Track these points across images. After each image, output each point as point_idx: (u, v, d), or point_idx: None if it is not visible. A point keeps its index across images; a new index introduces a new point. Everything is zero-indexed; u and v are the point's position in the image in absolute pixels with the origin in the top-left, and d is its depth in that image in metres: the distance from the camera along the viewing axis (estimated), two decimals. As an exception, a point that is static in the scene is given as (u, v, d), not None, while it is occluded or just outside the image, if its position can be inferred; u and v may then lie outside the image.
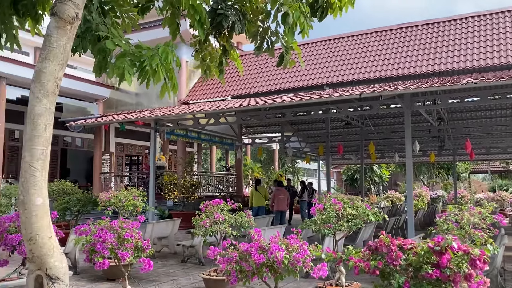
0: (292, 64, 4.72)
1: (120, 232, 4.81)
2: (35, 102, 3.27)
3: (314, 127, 18.31)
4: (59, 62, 3.36)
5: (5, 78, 14.25)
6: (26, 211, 3.26)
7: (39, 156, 3.28)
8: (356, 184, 30.15)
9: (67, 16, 3.33)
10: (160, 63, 3.91)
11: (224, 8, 5.12)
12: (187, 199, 14.58)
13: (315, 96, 7.76)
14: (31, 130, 3.27)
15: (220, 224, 5.86)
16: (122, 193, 7.94)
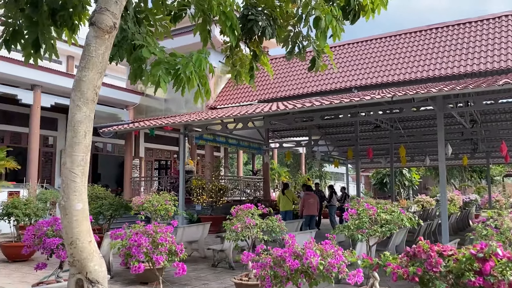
0: (324, 68, 4.70)
1: (155, 236, 4.88)
2: (76, 110, 3.36)
3: (342, 130, 18.14)
4: (98, 71, 3.45)
5: (40, 86, 14.73)
6: (67, 216, 3.35)
7: (79, 162, 3.37)
8: (385, 188, 29.64)
9: (105, 25, 3.42)
10: (194, 71, 3.96)
11: (254, 13, 5.15)
12: (215, 203, 14.67)
13: (346, 100, 7.68)
14: (71, 137, 3.36)
15: (251, 229, 5.87)
16: (154, 197, 8.06)
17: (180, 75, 3.98)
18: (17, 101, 14.82)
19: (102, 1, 3.46)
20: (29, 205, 8.93)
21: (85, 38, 3.48)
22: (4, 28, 4.51)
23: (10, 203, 8.99)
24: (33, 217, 8.95)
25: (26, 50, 4.65)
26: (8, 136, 17.49)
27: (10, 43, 4.54)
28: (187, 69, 3.93)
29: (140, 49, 4.16)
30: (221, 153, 24.49)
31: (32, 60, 4.71)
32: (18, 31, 4.56)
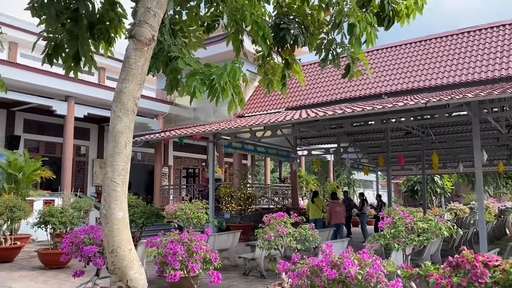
0: (359, 75, 4.66)
1: (190, 245, 4.92)
2: (117, 121, 3.44)
3: (372, 137, 17.90)
4: (138, 82, 3.53)
5: (74, 97, 15.18)
6: (108, 225, 3.42)
7: (120, 172, 3.44)
8: (416, 195, 28.98)
9: (144, 38, 3.50)
10: (229, 81, 4.00)
11: (286, 22, 5.18)
12: (244, 211, 14.69)
13: (378, 106, 7.59)
14: (113, 147, 3.44)
15: (284, 238, 5.84)
16: (187, 205, 8.15)
17: (215, 85, 4.02)
18: (52, 112, 15.32)
19: (141, 15, 3.56)
20: (65, 213, 9.17)
21: (125, 50, 3.57)
22: (47, 43, 4.68)
23: (47, 211, 9.25)
24: (69, 225, 9.18)
25: (66, 63, 4.82)
26: (43, 146, 18.07)
27: (52, 57, 4.71)
28: (221, 79, 3.98)
29: (176, 61, 4.24)
30: (248, 161, 24.56)
31: (72, 72, 4.87)
32: (59, 45, 4.73)
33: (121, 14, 4.93)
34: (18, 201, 10.07)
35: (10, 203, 9.78)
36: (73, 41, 4.54)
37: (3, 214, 9.58)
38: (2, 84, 5.47)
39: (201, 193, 16.91)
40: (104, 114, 16.66)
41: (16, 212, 9.86)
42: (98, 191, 19.38)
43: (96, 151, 19.74)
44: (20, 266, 9.34)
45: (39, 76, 13.96)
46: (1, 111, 16.46)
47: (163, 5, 3.67)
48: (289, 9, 5.40)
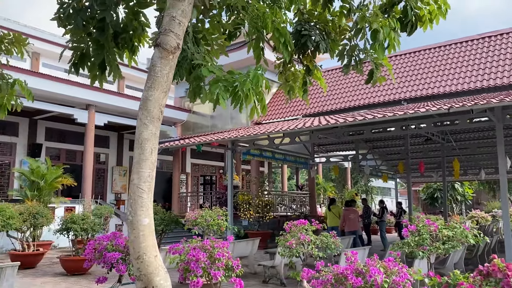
0: (382, 81, 4.63)
1: (212, 251, 4.93)
2: (143, 128, 3.48)
3: (390, 144, 17.68)
4: (163, 90, 3.57)
5: (94, 106, 15.43)
6: (134, 231, 3.45)
7: (146, 178, 3.47)
8: (436, 203, 28.48)
9: (169, 46, 3.55)
10: (251, 87, 4.01)
11: (308, 29, 5.19)
12: (262, 218, 14.65)
13: (400, 112, 7.51)
14: (139, 154, 3.47)
15: (306, 245, 5.80)
16: (207, 212, 8.16)
17: (238, 92, 4.04)
18: (72, 120, 15.59)
19: (166, 23, 3.60)
20: (86, 220, 9.29)
21: (151, 59, 3.62)
22: (73, 52, 4.78)
23: (69, 218, 9.38)
24: (90, 232, 9.29)
25: (92, 72, 4.90)
26: (64, 153, 18.38)
27: (78, 66, 4.81)
28: (244, 86, 3.99)
29: (199, 68, 4.28)
30: (265, 168, 24.54)
31: (97, 81, 4.95)
32: (85, 54, 4.82)
33: (144, 23, 5.01)
34: (40, 208, 10.25)
35: (33, 210, 9.95)
36: (99, 50, 4.63)
37: (26, 220, 9.75)
38: (29, 93, 5.59)
39: (219, 200, 16.94)
40: (124, 122, 16.89)
41: (39, 219, 10.02)
42: (117, 198, 19.61)
43: (116, 159, 19.99)
44: (43, 272, 9.48)
45: (61, 85, 14.25)
46: (24, 120, 16.83)
47: (188, 13, 3.71)
48: (310, 16, 5.42)
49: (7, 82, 5.47)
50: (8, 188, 16.22)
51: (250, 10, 4.91)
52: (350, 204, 13.66)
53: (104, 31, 4.62)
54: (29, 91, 5.64)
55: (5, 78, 5.41)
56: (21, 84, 5.58)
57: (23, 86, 5.60)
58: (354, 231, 12.92)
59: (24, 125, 16.93)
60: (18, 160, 16.56)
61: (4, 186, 16.32)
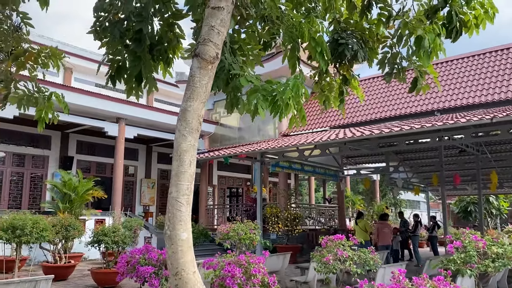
0: (427, 89, 4.43)
1: (247, 267, 4.77)
2: (181, 140, 3.39)
3: (422, 155, 17.20)
4: (202, 101, 3.49)
5: (124, 119, 15.63)
6: (172, 246, 3.34)
7: (184, 191, 3.37)
8: (470, 217, 27.44)
9: (208, 56, 3.47)
10: (292, 96, 3.89)
11: (345, 37, 5.05)
12: (291, 232, 14.39)
13: (439, 123, 7.23)
14: (177, 166, 3.38)
15: (344, 262, 5.57)
16: (239, 226, 8.03)
17: (277, 101, 3.93)
18: (103, 133, 15.84)
19: (205, 33, 3.54)
20: (117, 232, 9.28)
21: (189, 69, 3.55)
22: (110, 65, 4.78)
23: (100, 230, 9.41)
24: (121, 244, 9.27)
25: (128, 85, 4.89)
26: (94, 166, 18.66)
27: (115, 78, 4.80)
28: (284, 95, 3.88)
29: (237, 79, 4.20)
30: (292, 180, 24.27)
31: (133, 93, 4.93)
32: (122, 66, 4.82)
33: (179, 35, 4.98)
34: (72, 220, 10.33)
35: (66, 222, 10.05)
36: (136, 61, 4.61)
37: (59, 233, 9.84)
38: (65, 106, 5.63)
39: (247, 213, 16.77)
40: (153, 134, 17.05)
41: (71, 231, 10.10)
42: (146, 210, 19.72)
43: (144, 171, 20.17)
44: (74, 284, 9.51)
45: (92, 99, 14.51)
46: (56, 133, 17.20)
47: (227, 23, 3.64)
48: (346, 24, 5.29)
49: (44, 96, 5.53)
50: (41, 200, 16.54)
51: (285, 19, 4.83)
52: (384, 217, 13.29)
53: (141, 42, 4.60)
54: (65, 103, 5.68)
55: (42, 91, 5.46)
56: (58, 96, 5.63)
57: (60, 98, 5.65)
58: (388, 246, 12.53)
59: (56, 138, 17.30)
60: (50, 172, 16.90)
61: (37, 198, 16.66)
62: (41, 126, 5.89)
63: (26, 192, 16.40)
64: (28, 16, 5.28)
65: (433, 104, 13.35)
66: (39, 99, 5.43)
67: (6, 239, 7.89)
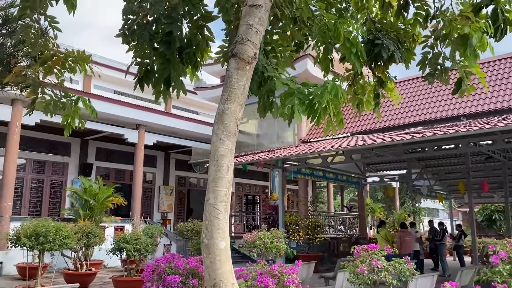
0: (472, 90, 4.20)
1: (280, 278, 4.58)
2: (219, 144, 3.23)
3: (445, 162, 16.78)
4: (240, 103, 3.33)
5: (144, 126, 15.61)
6: (210, 256, 3.17)
7: (222, 198, 3.21)
8: (494, 225, 26.68)
9: (247, 56, 3.31)
10: (330, 100, 3.71)
11: (381, 38, 4.86)
12: (312, 240, 14.11)
13: (474, 128, 6.95)
14: (215, 172, 3.22)
15: (379, 272, 5.33)
16: (265, 235, 7.83)
17: (314, 105, 3.75)
18: (122, 140, 15.86)
19: (243, 32, 3.38)
20: (139, 240, 9.16)
21: (226, 70, 3.40)
22: (139, 68, 4.67)
23: (122, 238, 9.30)
24: (143, 252, 9.15)
25: (156, 88, 4.77)
26: (113, 173, 18.68)
27: (143, 82, 4.69)
28: (322, 98, 3.69)
29: (271, 81, 4.04)
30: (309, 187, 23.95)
31: (162, 97, 4.81)
32: (150, 70, 4.71)
33: (208, 37, 4.85)
34: (94, 228, 10.26)
35: (87, 229, 9.97)
36: (166, 64, 4.49)
37: (80, 240, 9.77)
38: (93, 110, 5.53)
39: (266, 221, 16.51)
40: (172, 141, 17.02)
41: (92, 238, 10.02)
42: (164, 217, 19.64)
43: (162, 178, 20.12)
44: (96, 292, 9.42)
45: (112, 106, 14.53)
46: (76, 140, 17.28)
47: (265, 21, 3.49)
48: (382, 25, 5.10)
49: (71, 101, 5.44)
50: (61, 206, 16.58)
51: (317, 20, 4.67)
52: (405, 226, 13.00)
53: (171, 45, 4.48)
54: (92, 108, 5.58)
55: (69, 96, 5.37)
56: (85, 101, 5.53)
57: (87, 103, 5.55)
58: (409, 254, 12.23)
59: (76, 145, 17.38)
60: (70, 179, 16.96)
61: (56, 205, 16.70)
62: (68, 132, 5.80)
63: (46, 199, 16.46)
64: (55, 20, 5.21)
65: (459, 109, 12.99)
66: (67, 104, 5.34)
67: (30, 246, 7.82)
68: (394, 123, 14.50)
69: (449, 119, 12.83)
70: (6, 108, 12.44)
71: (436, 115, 13.37)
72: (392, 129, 14.40)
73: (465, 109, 12.85)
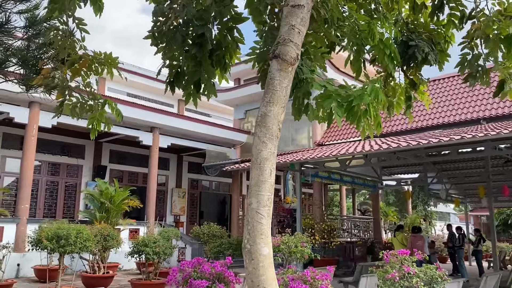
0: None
1: (313, 284, 4.49)
2: (261, 147, 3.16)
3: (461, 166, 16.54)
4: (282, 105, 3.26)
5: (158, 128, 15.60)
6: (253, 262, 3.09)
7: (265, 203, 3.13)
8: (510, 230, 26.31)
9: (289, 57, 3.25)
10: (370, 103, 3.62)
11: (414, 39, 4.78)
12: (328, 244, 13.97)
13: (505, 131, 6.81)
14: (257, 176, 3.15)
15: (411, 278, 5.21)
16: (289, 239, 7.73)
17: (353, 107, 3.67)
18: (134, 142, 15.87)
19: (285, 33, 3.31)
20: (158, 243, 9.11)
21: (268, 72, 3.33)
22: (170, 70, 4.62)
23: (140, 241, 9.26)
24: (162, 255, 9.10)
25: (186, 91, 4.72)
26: (126, 175, 18.69)
27: (174, 84, 4.64)
28: (362, 101, 3.61)
29: (308, 83, 3.97)
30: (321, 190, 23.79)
31: (192, 100, 4.75)
32: (181, 72, 4.66)
33: (238, 39, 4.79)
34: (111, 230, 10.24)
35: (105, 231, 9.95)
36: (197, 67, 4.43)
37: (98, 242, 9.74)
38: (119, 113, 5.50)
39: (280, 224, 16.40)
40: (186, 144, 16.99)
41: (110, 241, 9.99)
42: (176, 220, 19.61)
43: (175, 181, 20.10)
44: (114, 295, 9.38)
45: (127, 108, 14.50)
46: (90, 143, 17.31)
47: (307, 22, 3.42)
48: (414, 26, 5.01)
49: (98, 103, 5.41)
50: (75, 209, 16.62)
51: (349, 21, 4.59)
52: (416, 230, 12.80)
53: (202, 47, 4.44)
54: (118, 110, 5.55)
55: (97, 98, 5.34)
56: (111, 103, 5.50)
57: (113, 106, 5.52)
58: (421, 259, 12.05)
59: (90, 147, 17.42)
60: (84, 181, 17.00)
61: (70, 208, 16.74)
62: (93, 135, 5.79)
63: (61, 201, 16.50)
64: (83, 22, 5.19)
65: (478, 112, 12.81)
66: (94, 107, 5.31)
67: (51, 249, 7.80)
68: (411, 126, 14.33)
69: (469, 122, 12.66)
70: (23, 110, 12.49)
71: (455, 118, 13.20)
72: (409, 132, 14.23)
73: (484, 112, 12.67)
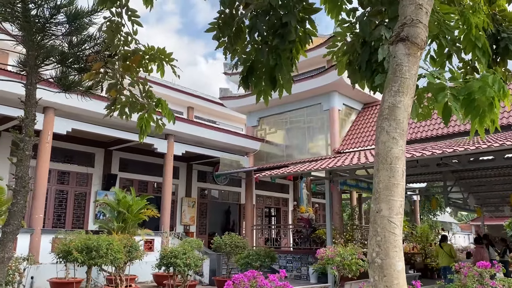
0: None
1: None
2: (392, 144, 2.72)
3: (480, 174, 16.21)
4: (411, 95, 2.83)
5: (173, 136, 15.10)
6: (385, 278, 2.63)
7: (398, 210, 2.68)
8: (524, 239, 25.93)
9: (420, 40, 2.83)
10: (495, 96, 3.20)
11: (506, 31, 4.39)
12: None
13: None
14: (388, 177, 2.70)
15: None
16: (344, 250, 7.25)
17: (473, 101, 3.24)
18: (146, 150, 15.37)
19: (412, 12, 2.89)
20: (188, 254, 8.59)
21: (393, 57, 2.90)
22: (243, 65, 4.19)
23: (169, 252, 8.74)
24: (193, 267, 8.57)
25: (258, 87, 4.28)
26: (136, 184, 18.11)
27: (248, 79, 4.20)
28: (486, 94, 3.18)
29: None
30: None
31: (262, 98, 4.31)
32: (254, 66, 4.22)
33: (310, 31, 4.38)
34: (134, 241, 9.70)
35: (128, 242, 9.41)
36: (278, 60, 4.00)
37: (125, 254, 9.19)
38: (171, 115, 5.04)
39: (299, 235, 15.86)
40: (200, 151, 16.50)
41: (133, 253, 9.46)
42: (186, 230, 19.02)
43: (185, 190, 19.55)
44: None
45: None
46: (100, 150, 16.78)
47: (432, 2, 3.00)
48: (502, 17, 4.63)
49: (151, 103, 4.95)
50: (84, 219, 16.00)
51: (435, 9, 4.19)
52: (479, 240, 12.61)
53: (284, 38, 4.01)
54: (170, 112, 5.10)
55: (152, 97, 4.88)
56: (163, 103, 5.06)
57: (165, 105, 5.08)
58: None
59: (100, 155, 16.87)
60: (94, 190, 16.42)
61: (80, 217, 16.12)
62: (142, 137, 5.36)
63: (70, 211, 15.89)
64: (136, 14, 4.75)
65: (508, 118, 12.49)
66: (149, 106, 4.85)
67: (81, 261, 7.25)
68: (424, 135, 14.00)
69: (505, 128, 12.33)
70: (37, 115, 11.91)
71: (465, 127, 12.88)
72: (430, 140, 13.89)
73: (502, 120, 12.35)
